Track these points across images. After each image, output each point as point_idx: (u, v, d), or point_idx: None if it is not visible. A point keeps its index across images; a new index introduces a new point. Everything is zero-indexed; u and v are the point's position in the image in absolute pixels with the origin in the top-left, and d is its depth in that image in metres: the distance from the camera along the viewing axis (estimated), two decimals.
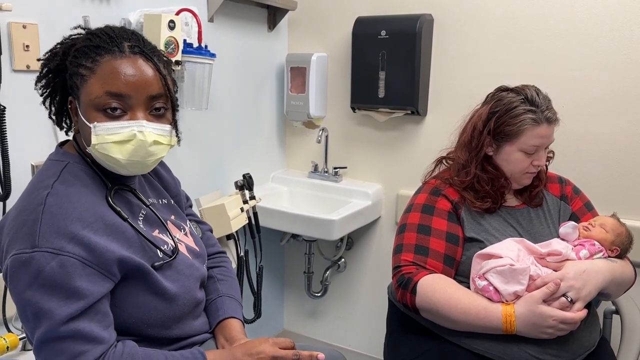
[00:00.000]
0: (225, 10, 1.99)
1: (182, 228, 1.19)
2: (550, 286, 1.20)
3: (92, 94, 0.95)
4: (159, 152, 1.02)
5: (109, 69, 0.95)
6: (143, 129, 0.97)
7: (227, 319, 1.19)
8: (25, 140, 1.42)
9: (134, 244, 1.00)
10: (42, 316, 0.89)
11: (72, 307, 0.90)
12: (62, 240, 0.90)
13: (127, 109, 0.97)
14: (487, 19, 1.93)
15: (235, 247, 1.91)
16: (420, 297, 1.29)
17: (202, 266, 1.18)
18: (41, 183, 0.98)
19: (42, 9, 1.42)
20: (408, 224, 1.42)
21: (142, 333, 1.03)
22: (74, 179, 1.00)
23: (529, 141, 1.35)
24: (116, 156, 0.97)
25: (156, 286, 1.02)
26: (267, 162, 2.38)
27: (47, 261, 0.89)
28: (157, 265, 1.02)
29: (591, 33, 1.77)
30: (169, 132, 1.03)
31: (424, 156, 2.04)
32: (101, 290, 0.93)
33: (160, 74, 1.00)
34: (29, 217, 0.92)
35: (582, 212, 1.48)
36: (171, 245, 1.09)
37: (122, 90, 0.95)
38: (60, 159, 1.03)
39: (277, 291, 2.59)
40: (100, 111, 0.96)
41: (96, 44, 0.97)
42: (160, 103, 1.00)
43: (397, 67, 2.03)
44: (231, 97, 2.10)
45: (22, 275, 0.90)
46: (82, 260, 0.91)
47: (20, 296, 0.91)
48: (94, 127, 0.96)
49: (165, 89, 1.01)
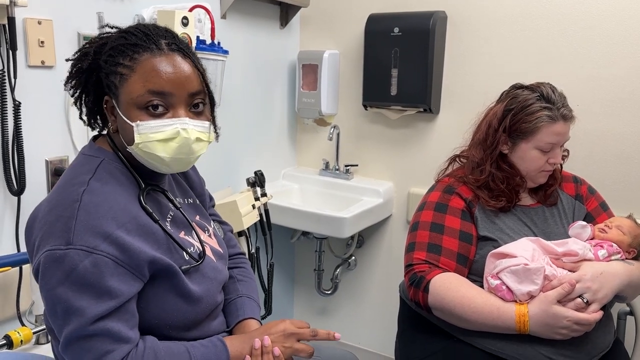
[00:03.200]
0: (237, 7, 1.99)
1: (206, 229, 1.18)
2: (566, 287, 1.19)
3: (134, 92, 0.95)
4: (200, 149, 1.02)
5: (150, 66, 0.95)
6: (186, 126, 0.97)
7: (246, 320, 1.18)
8: (40, 135, 1.43)
9: (162, 245, 0.99)
10: (72, 314, 0.89)
11: (103, 307, 0.89)
12: (96, 239, 0.90)
13: (169, 106, 0.96)
14: (501, 16, 1.91)
15: (246, 244, 1.92)
16: (432, 296, 1.28)
17: (224, 268, 1.18)
18: (77, 179, 0.97)
19: (57, 5, 1.42)
20: (421, 222, 1.41)
21: (162, 334, 1.02)
22: (109, 176, 0.99)
23: (545, 138, 1.33)
24: (160, 154, 0.97)
25: (182, 288, 1.01)
26: (278, 160, 2.38)
27: (81, 259, 0.88)
28: (185, 269, 1.01)
29: (606, 31, 1.75)
30: (209, 129, 1.03)
31: (436, 154, 2.04)
32: (132, 290, 0.93)
33: (199, 71, 1.00)
34: (64, 213, 0.92)
35: (597, 212, 1.46)
36: (197, 247, 1.09)
37: (164, 88, 0.95)
38: (95, 155, 1.02)
39: (287, 288, 2.59)
40: (142, 109, 0.95)
41: (133, 42, 0.96)
42: (199, 100, 1.00)
43: (409, 64, 2.01)
44: (243, 94, 2.10)
45: (55, 272, 0.89)
46: (115, 259, 0.90)
47: (51, 292, 0.90)
48: (137, 125, 0.95)
49: (204, 86, 1.01)
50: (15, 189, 1.36)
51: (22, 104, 1.34)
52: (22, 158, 1.36)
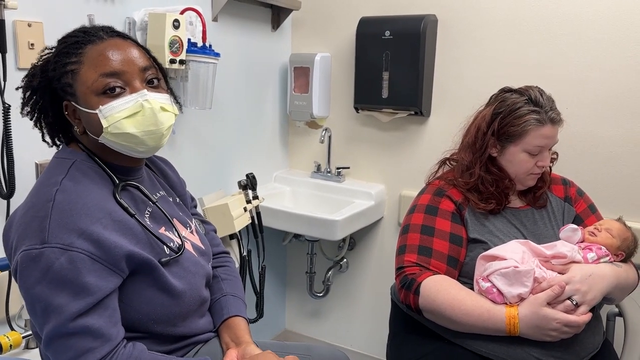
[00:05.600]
0: (229, 10, 1.99)
1: (188, 225, 1.20)
2: (555, 289, 1.19)
3: (88, 80, 0.97)
4: (168, 120, 1.04)
5: (96, 53, 0.98)
6: (147, 97, 1.00)
7: (232, 318, 1.19)
8: (29, 138, 1.40)
9: (141, 240, 1.01)
10: (51, 312, 0.90)
11: (81, 303, 0.90)
12: (71, 236, 0.91)
13: (125, 84, 0.99)
14: (491, 20, 1.93)
15: (238, 247, 1.91)
16: (423, 298, 1.29)
17: (207, 264, 1.19)
18: (49, 180, 0.98)
19: (47, 7, 1.42)
20: (411, 224, 1.41)
21: (148, 329, 1.03)
22: (82, 175, 1.00)
23: (533, 142, 1.35)
24: (130, 131, 0.98)
25: (163, 282, 1.02)
26: (270, 162, 2.38)
27: (57, 257, 0.89)
28: (164, 261, 1.03)
29: (596, 34, 1.77)
30: (170, 100, 1.06)
31: (427, 157, 2.05)
32: (110, 285, 0.94)
33: (144, 49, 1.05)
34: (38, 213, 0.93)
35: (586, 214, 1.48)
36: (177, 242, 1.10)
37: (115, 68, 0.98)
38: (67, 157, 1.04)
39: (279, 291, 2.59)
40: (100, 95, 0.98)
41: (73, 42, 1.00)
42: (151, 74, 1.04)
43: (400, 67, 2.02)
44: (235, 96, 2.10)
45: (32, 271, 0.90)
46: (90, 255, 0.91)
47: (30, 292, 0.91)
48: (100, 110, 0.97)
49: (152, 61, 1.05)
50: (5, 193, 1.35)
51: (12, 107, 1.33)
52: (12, 161, 1.35)
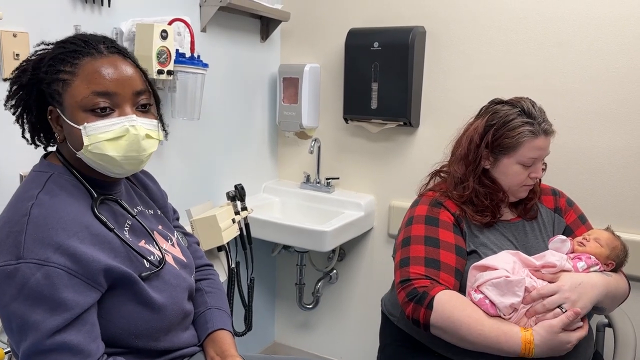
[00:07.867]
0: (218, 21, 1.99)
1: (169, 238, 1.18)
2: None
3: (78, 95, 0.95)
4: (150, 147, 1.02)
5: (92, 69, 0.96)
6: (135, 123, 0.98)
7: (217, 331, 1.17)
8: (14, 149, 1.39)
9: (120, 254, 0.99)
10: (27, 329, 0.88)
11: (58, 319, 0.88)
12: (47, 251, 0.89)
13: (115, 106, 0.97)
14: (478, 31, 1.94)
15: (226, 259, 1.89)
16: (437, 314, 1.22)
17: (189, 277, 1.17)
18: (25, 194, 0.96)
19: (33, 17, 1.40)
20: (413, 236, 1.36)
21: (129, 344, 1.01)
22: (59, 189, 0.98)
23: (528, 153, 1.34)
24: (111, 154, 0.97)
25: (143, 296, 1.00)
26: (259, 173, 2.37)
27: (32, 272, 0.87)
28: (144, 276, 1.01)
29: (584, 46, 1.78)
30: (157, 127, 1.04)
31: (416, 167, 2.05)
32: (88, 300, 0.92)
33: (141, 70, 1.03)
34: (14, 228, 0.91)
35: (576, 225, 1.48)
36: (158, 255, 1.08)
37: (108, 88, 0.96)
38: (45, 170, 1.02)
39: (268, 303, 2.56)
40: (88, 112, 0.96)
41: (72, 49, 0.98)
42: (144, 99, 1.02)
43: (389, 78, 2.03)
44: (224, 107, 2.09)
45: (7, 288, 0.88)
46: (67, 270, 0.89)
47: (6, 309, 0.89)
48: (85, 128, 0.95)
49: (147, 85, 1.03)
50: None
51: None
52: None
